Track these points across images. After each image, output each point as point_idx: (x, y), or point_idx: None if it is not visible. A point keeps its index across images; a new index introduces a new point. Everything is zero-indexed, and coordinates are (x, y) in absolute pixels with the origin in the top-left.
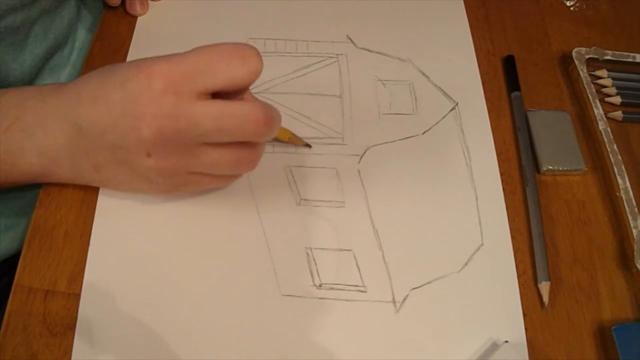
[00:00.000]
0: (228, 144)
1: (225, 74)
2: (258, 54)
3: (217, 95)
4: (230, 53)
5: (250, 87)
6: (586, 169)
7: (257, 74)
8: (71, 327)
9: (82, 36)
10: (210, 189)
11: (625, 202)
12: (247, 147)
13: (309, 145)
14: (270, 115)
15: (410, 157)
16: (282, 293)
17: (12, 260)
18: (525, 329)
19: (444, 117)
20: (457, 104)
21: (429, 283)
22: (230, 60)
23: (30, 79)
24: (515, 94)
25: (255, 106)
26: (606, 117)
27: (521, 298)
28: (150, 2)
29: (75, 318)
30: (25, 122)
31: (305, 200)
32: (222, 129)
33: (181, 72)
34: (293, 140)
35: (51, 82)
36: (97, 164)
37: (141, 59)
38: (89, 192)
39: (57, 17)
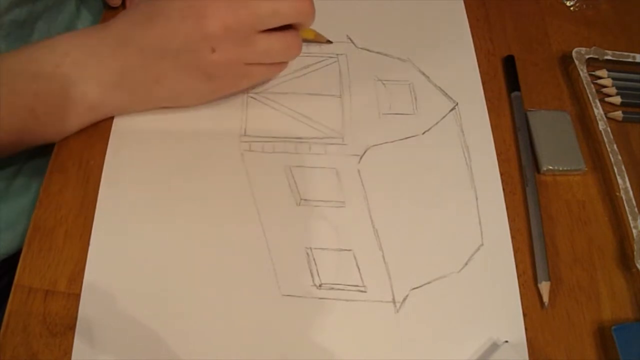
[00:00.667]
0: (278, 31)
1: None
2: None
3: None
4: None
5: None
6: (586, 169)
7: None
8: (71, 327)
9: None
10: None
11: (625, 202)
12: (293, 32)
13: (330, 42)
14: None
15: (410, 157)
16: (282, 293)
17: (12, 260)
18: (525, 329)
19: (444, 117)
20: (457, 104)
21: (429, 283)
22: None
23: None
24: (515, 94)
25: None
26: (606, 117)
27: (521, 298)
28: None
29: (75, 318)
30: (74, 54)
31: (305, 200)
32: (277, 11)
33: None
34: (317, 38)
35: None
36: (158, 76)
37: None
38: (89, 192)
39: (59, 14)
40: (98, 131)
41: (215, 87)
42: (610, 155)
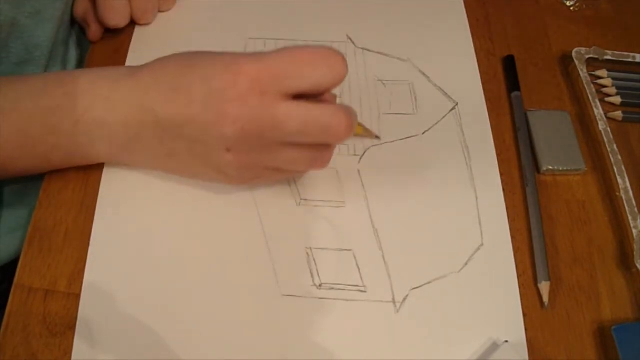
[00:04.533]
0: (307, 144)
1: (312, 78)
2: (344, 60)
3: (299, 96)
4: (318, 57)
5: None
6: (586, 169)
7: (342, 79)
8: (71, 327)
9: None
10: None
11: (625, 202)
12: (323, 146)
13: (378, 137)
14: (351, 118)
15: (410, 157)
16: (282, 293)
17: (15, 264)
18: (525, 329)
19: (444, 117)
20: (457, 104)
21: (429, 283)
22: (317, 65)
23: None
24: (515, 94)
25: (339, 110)
26: (606, 117)
27: (521, 298)
28: None
29: (75, 318)
30: (96, 110)
31: (305, 200)
32: (305, 132)
33: (269, 74)
34: (365, 134)
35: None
36: (171, 152)
37: (225, 55)
38: (89, 192)
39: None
40: None
41: (226, 180)
42: (610, 155)
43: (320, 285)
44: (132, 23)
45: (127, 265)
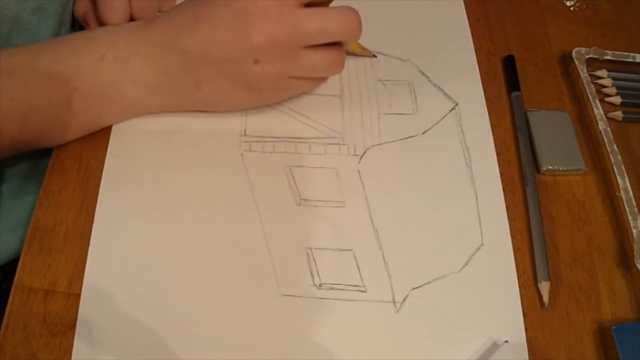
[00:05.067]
0: (323, 46)
1: None
2: None
3: (309, 5)
4: None
5: None
6: (586, 169)
7: None
8: (71, 327)
9: None
10: None
11: (625, 202)
12: (337, 48)
13: (375, 56)
14: (358, 16)
15: (410, 157)
16: (282, 293)
17: (14, 264)
18: (525, 329)
19: (444, 117)
20: (457, 104)
21: (429, 283)
22: None
23: None
24: (515, 94)
25: (347, 9)
26: (606, 117)
27: (521, 298)
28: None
29: (75, 318)
30: (118, 51)
31: (305, 200)
32: (324, 29)
33: None
34: (363, 52)
35: None
36: (199, 81)
37: None
38: (89, 192)
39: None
40: (98, 131)
41: (255, 98)
42: (610, 155)
43: (320, 285)
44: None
45: (127, 265)
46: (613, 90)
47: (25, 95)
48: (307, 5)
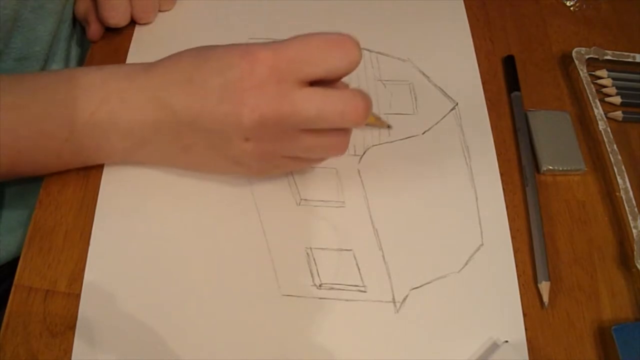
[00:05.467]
0: (324, 130)
1: (327, 64)
2: (358, 45)
3: (314, 83)
4: (332, 43)
5: None
6: (586, 169)
7: (356, 65)
8: (71, 327)
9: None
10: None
11: (625, 202)
12: (340, 132)
13: (390, 126)
14: (368, 102)
15: (410, 157)
16: (282, 293)
17: (15, 264)
18: (525, 329)
19: (444, 117)
20: (457, 104)
21: (429, 283)
22: (332, 51)
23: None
24: (515, 94)
25: (355, 94)
26: (606, 117)
27: (521, 298)
28: None
29: (75, 318)
30: (110, 103)
31: (305, 200)
32: (323, 117)
33: (285, 60)
34: (377, 123)
35: None
36: (187, 146)
37: (240, 45)
38: (89, 192)
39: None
40: None
41: (243, 172)
42: (610, 155)
43: (320, 285)
44: (133, 23)
45: (127, 265)
46: (613, 90)
47: (13, 141)
48: (312, 84)
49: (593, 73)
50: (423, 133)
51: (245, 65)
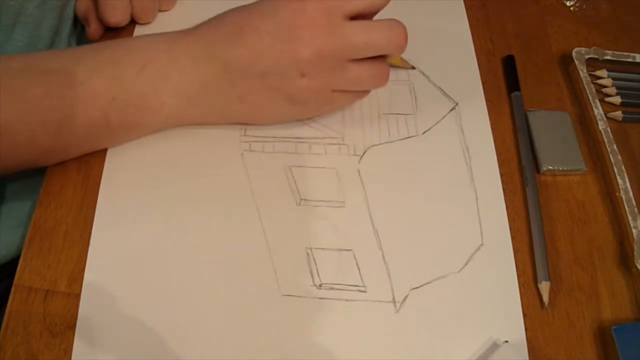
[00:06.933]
0: (367, 59)
1: None
2: None
3: (353, 18)
4: None
5: None
6: (586, 169)
7: None
8: (71, 327)
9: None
10: None
11: (625, 202)
12: (382, 61)
13: (414, 68)
14: (405, 29)
15: (410, 157)
16: (282, 293)
17: (16, 263)
18: (525, 329)
19: (444, 117)
20: (457, 104)
21: (429, 283)
22: None
23: None
24: (515, 94)
25: (394, 23)
26: (606, 117)
27: (521, 298)
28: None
29: (75, 318)
30: (159, 63)
31: (305, 200)
32: (372, 43)
33: None
34: (403, 64)
35: None
36: (242, 94)
37: None
38: (89, 192)
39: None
40: None
41: (297, 111)
42: (610, 155)
43: (320, 285)
44: (133, 22)
45: (127, 265)
46: (613, 90)
47: (60, 103)
48: (353, 18)
49: (593, 73)
50: (423, 133)
51: (296, 4)
